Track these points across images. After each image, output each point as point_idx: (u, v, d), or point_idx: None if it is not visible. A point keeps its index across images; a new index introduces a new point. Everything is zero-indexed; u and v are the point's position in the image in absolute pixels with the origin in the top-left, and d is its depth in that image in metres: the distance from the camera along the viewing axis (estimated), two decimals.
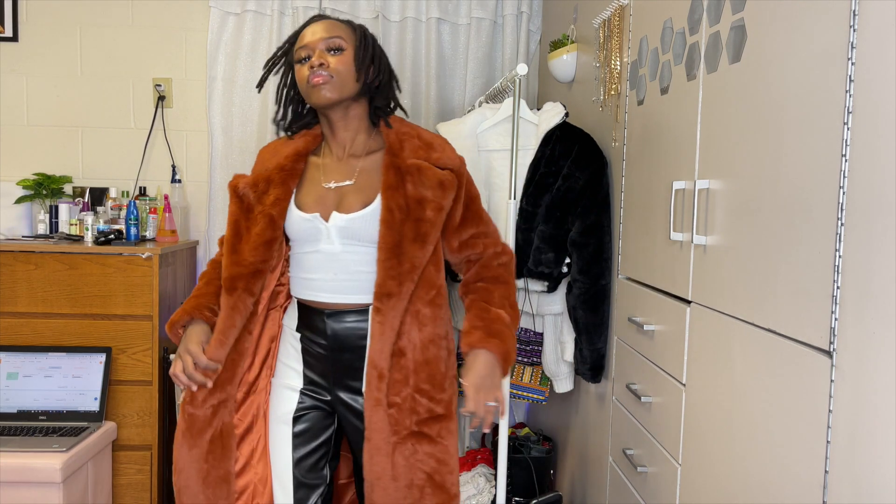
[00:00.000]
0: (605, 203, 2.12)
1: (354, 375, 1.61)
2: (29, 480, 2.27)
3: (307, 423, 1.64)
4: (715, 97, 1.41)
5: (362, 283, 1.58)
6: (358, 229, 1.57)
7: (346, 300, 1.59)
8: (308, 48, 1.59)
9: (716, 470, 1.37)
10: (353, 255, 1.58)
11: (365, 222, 1.56)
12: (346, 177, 1.62)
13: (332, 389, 1.64)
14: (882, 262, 0.91)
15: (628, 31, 1.96)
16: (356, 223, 1.56)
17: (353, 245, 1.58)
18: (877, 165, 0.93)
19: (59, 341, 2.61)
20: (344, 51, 1.59)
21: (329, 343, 1.61)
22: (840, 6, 1.00)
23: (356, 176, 1.62)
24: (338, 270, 1.59)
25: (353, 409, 1.62)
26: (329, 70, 1.56)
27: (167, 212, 2.93)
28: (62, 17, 3.08)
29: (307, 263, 1.62)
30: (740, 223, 1.28)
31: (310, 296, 1.62)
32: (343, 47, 1.59)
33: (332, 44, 1.58)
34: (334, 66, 1.56)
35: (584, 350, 2.14)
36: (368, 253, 1.58)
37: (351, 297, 1.59)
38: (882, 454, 0.91)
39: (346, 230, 1.57)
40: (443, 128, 2.38)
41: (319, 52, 1.57)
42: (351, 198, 1.59)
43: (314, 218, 1.58)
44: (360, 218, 1.57)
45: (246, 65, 3.06)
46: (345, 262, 1.58)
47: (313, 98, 1.58)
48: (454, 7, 3.13)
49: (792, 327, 1.11)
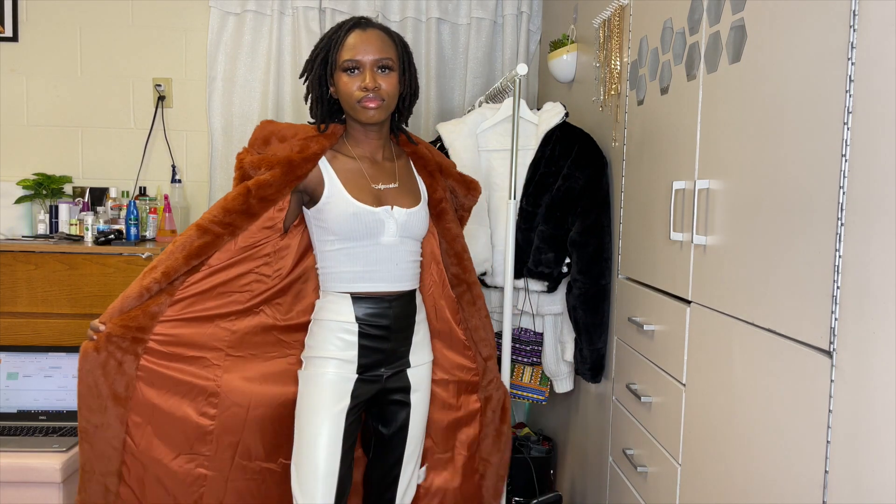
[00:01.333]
0: (605, 203, 2.12)
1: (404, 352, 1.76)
2: (29, 480, 2.27)
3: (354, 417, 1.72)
4: (715, 97, 1.40)
5: (411, 271, 1.76)
6: (413, 224, 1.72)
7: (402, 287, 1.73)
8: (358, 63, 1.63)
9: (716, 470, 1.37)
10: (407, 247, 1.73)
11: (419, 218, 1.74)
12: (391, 179, 1.74)
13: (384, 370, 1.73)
14: (882, 261, 0.91)
15: (628, 31, 1.96)
16: (413, 218, 1.72)
17: (406, 239, 1.72)
18: (877, 165, 0.93)
19: (59, 341, 2.61)
20: (393, 71, 1.66)
21: (392, 325, 1.72)
22: (840, 6, 1.00)
23: (398, 179, 1.75)
24: (398, 261, 1.72)
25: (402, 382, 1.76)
26: (381, 93, 1.63)
27: (167, 212, 2.93)
28: (62, 17, 3.08)
29: (366, 257, 1.70)
30: (740, 223, 1.28)
31: (369, 287, 1.70)
32: (393, 68, 1.66)
33: (384, 64, 1.64)
34: (385, 88, 1.64)
35: (584, 350, 2.14)
36: (416, 245, 1.76)
37: (406, 284, 1.74)
38: (882, 454, 0.91)
39: (405, 225, 1.70)
40: (443, 128, 2.38)
41: (372, 73, 1.63)
42: (402, 198, 1.73)
43: (383, 211, 1.68)
44: (415, 213, 1.72)
45: (246, 65, 3.06)
46: (402, 253, 1.72)
47: (362, 117, 1.66)
48: (454, 7, 3.13)
49: (792, 327, 1.11)
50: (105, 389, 1.64)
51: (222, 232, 1.65)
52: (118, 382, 1.65)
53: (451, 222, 1.83)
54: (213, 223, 1.65)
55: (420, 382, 1.78)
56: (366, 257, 1.68)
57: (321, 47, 1.69)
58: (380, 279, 1.70)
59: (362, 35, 1.65)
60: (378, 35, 1.66)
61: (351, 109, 1.66)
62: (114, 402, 1.65)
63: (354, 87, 1.63)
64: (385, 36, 1.68)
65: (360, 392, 1.69)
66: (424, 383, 1.79)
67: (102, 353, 1.63)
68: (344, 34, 1.65)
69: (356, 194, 1.67)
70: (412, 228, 1.72)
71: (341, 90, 1.65)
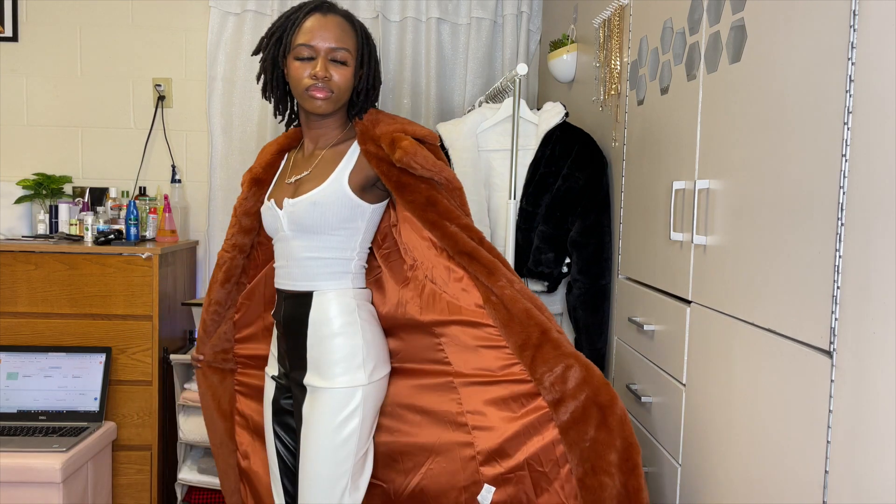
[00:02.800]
0: (605, 203, 2.12)
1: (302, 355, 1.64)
2: (29, 480, 2.27)
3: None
4: (715, 97, 1.40)
5: (306, 269, 1.62)
6: (299, 215, 1.58)
7: (294, 287, 1.64)
8: (312, 50, 1.55)
9: (716, 470, 1.37)
10: (302, 242, 1.62)
11: (303, 208, 1.58)
12: (306, 169, 1.64)
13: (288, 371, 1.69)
14: (882, 261, 0.91)
15: (628, 31, 1.96)
16: (297, 208, 1.58)
17: (300, 233, 1.60)
18: (877, 165, 0.93)
19: (59, 341, 2.61)
20: (347, 65, 1.57)
21: (281, 324, 1.68)
22: (840, 6, 1.00)
23: (313, 167, 1.62)
24: (288, 257, 1.64)
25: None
26: (331, 84, 1.55)
27: (167, 212, 2.93)
28: (62, 17, 3.08)
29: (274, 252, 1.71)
30: (740, 223, 1.28)
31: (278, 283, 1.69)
32: (347, 62, 1.57)
33: (338, 56, 1.56)
34: (336, 80, 1.55)
35: (585, 350, 2.14)
36: (317, 240, 1.62)
37: (299, 284, 1.63)
38: (882, 454, 0.91)
39: (291, 217, 1.59)
40: (443, 128, 2.38)
41: (324, 62, 1.54)
42: (301, 187, 1.61)
43: (271, 205, 1.65)
44: (298, 203, 1.58)
45: (246, 65, 3.06)
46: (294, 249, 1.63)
47: (308, 106, 1.58)
48: (454, 7, 3.13)
49: (792, 327, 1.11)
50: (213, 407, 1.85)
51: (234, 254, 1.78)
52: (223, 399, 1.85)
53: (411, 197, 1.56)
54: (223, 252, 1.80)
55: (307, 416, 1.55)
56: (275, 254, 1.69)
57: (277, 26, 1.60)
58: (279, 276, 1.67)
59: (321, 20, 1.55)
60: (338, 22, 1.57)
61: (298, 96, 1.59)
62: (220, 417, 1.85)
63: (304, 74, 1.54)
64: (346, 24, 1.58)
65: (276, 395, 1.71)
66: (312, 419, 1.54)
67: (209, 377, 1.85)
68: (303, 16, 1.57)
69: (273, 190, 1.71)
70: (298, 220, 1.57)
71: (291, 75, 1.57)
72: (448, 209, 1.55)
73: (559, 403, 1.45)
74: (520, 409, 1.48)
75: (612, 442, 1.43)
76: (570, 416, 1.44)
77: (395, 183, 1.55)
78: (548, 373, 1.46)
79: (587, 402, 1.44)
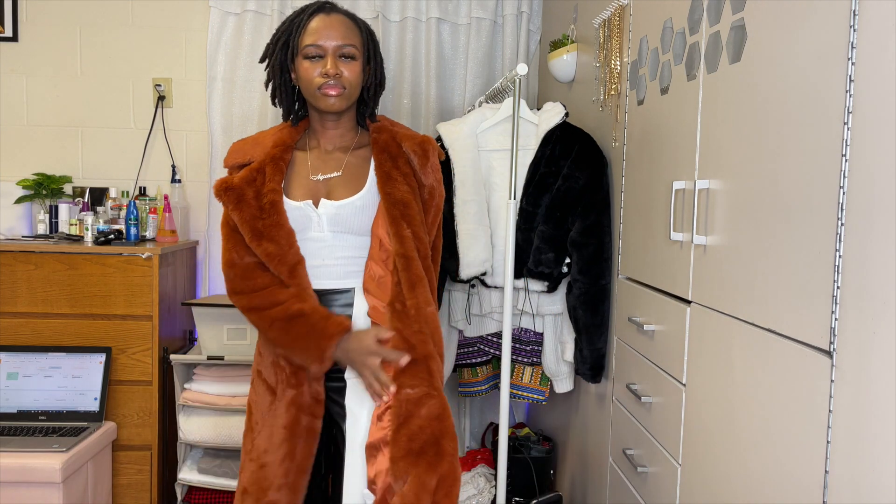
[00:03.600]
0: (605, 203, 2.12)
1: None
2: (29, 480, 2.27)
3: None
4: (715, 97, 1.40)
5: (347, 267, 1.63)
6: (345, 218, 1.60)
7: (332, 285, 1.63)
8: (320, 49, 1.57)
9: (716, 470, 1.37)
10: (342, 242, 1.63)
11: (351, 211, 1.61)
12: (334, 169, 1.64)
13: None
14: (882, 262, 0.91)
15: (628, 31, 1.96)
16: (344, 211, 1.60)
17: (340, 234, 1.62)
18: (877, 165, 0.93)
19: (59, 341, 2.61)
20: (356, 59, 1.60)
21: None
22: (840, 6, 1.00)
23: (343, 168, 1.65)
24: (326, 256, 1.62)
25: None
26: (342, 81, 1.57)
27: (167, 212, 2.92)
28: (62, 17, 3.08)
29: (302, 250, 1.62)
30: (740, 223, 1.28)
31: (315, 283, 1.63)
32: (356, 56, 1.60)
33: (346, 52, 1.58)
34: (347, 76, 1.58)
35: (585, 350, 2.14)
36: (355, 239, 1.63)
37: (338, 281, 1.63)
38: (882, 454, 0.91)
39: (335, 218, 1.60)
40: (443, 128, 2.38)
41: (333, 59, 1.57)
42: (339, 189, 1.62)
43: (305, 206, 1.60)
44: (347, 206, 1.60)
45: (246, 65, 3.06)
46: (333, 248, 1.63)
47: (322, 105, 1.60)
48: (454, 7, 3.13)
49: (792, 327, 1.11)
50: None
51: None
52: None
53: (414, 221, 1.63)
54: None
55: (352, 409, 1.61)
56: (305, 252, 1.62)
57: (282, 31, 1.62)
58: (312, 275, 1.61)
59: (326, 20, 1.58)
60: (342, 20, 1.60)
61: (311, 97, 1.60)
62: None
63: (315, 74, 1.57)
64: (350, 22, 1.61)
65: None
66: (359, 409, 1.60)
67: None
68: (307, 18, 1.59)
69: (289, 188, 1.63)
70: (344, 222, 1.61)
71: (302, 76, 1.59)
72: (413, 216, 1.60)
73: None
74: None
75: (429, 484, 1.49)
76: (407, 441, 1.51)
77: (385, 173, 1.61)
78: (409, 389, 1.53)
79: (430, 438, 1.51)
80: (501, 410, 2.19)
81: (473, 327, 2.50)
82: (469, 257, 2.24)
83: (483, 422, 3.21)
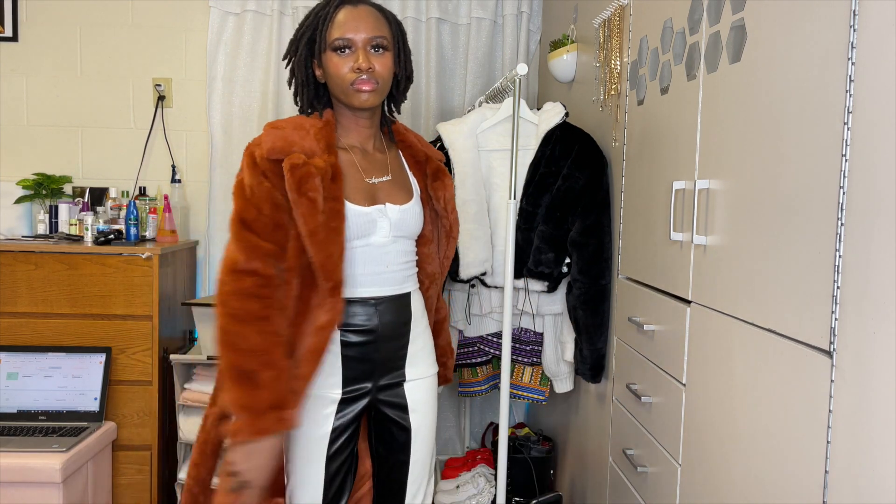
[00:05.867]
0: (605, 203, 2.12)
1: (397, 363, 1.62)
2: (29, 480, 2.27)
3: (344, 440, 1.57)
4: (715, 97, 1.40)
5: (405, 272, 1.62)
6: (407, 222, 1.59)
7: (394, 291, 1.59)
8: (350, 42, 1.48)
9: (716, 470, 1.37)
10: (400, 247, 1.60)
11: (413, 215, 1.60)
12: (382, 171, 1.60)
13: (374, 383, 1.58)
14: (881, 262, 0.91)
15: (628, 31, 1.96)
16: (407, 215, 1.59)
17: (399, 238, 1.59)
18: (877, 165, 0.93)
19: (59, 341, 2.61)
20: (388, 51, 1.52)
21: (379, 333, 1.56)
22: (840, 6, 1.00)
23: (390, 172, 1.62)
24: (389, 262, 1.57)
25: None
26: (375, 75, 1.49)
27: (167, 212, 2.93)
28: (62, 17, 3.08)
29: (356, 258, 1.53)
30: (740, 223, 1.28)
31: (357, 292, 1.53)
32: (388, 47, 1.52)
33: (378, 42, 1.50)
34: (380, 70, 1.50)
35: (584, 350, 2.14)
36: (409, 244, 1.63)
37: (398, 287, 1.60)
38: (882, 454, 0.91)
39: (399, 223, 1.57)
40: (443, 128, 2.38)
41: (365, 52, 1.48)
42: (395, 193, 1.59)
43: (375, 211, 1.53)
44: (409, 210, 1.59)
45: (246, 65, 3.06)
46: (394, 253, 1.58)
47: (355, 101, 1.51)
48: (454, 7, 3.13)
49: (792, 327, 1.11)
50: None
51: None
52: None
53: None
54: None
55: (419, 402, 1.63)
56: (364, 259, 1.54)
57: (307, 25, 1.52)
58: (369, 283, 1.54)
59: (353, 11, 1.50)
60: (370, 11, 1.51)
61: (342, 93, 1.50)
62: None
63: (346, 69, 1.48)
64: (377, 13, 1.53)
65: (346, 420, 1.54)
66: (423, 403, 1.64)
67: None
68: (333, 10, 1.50)
69: (349, 192, 1.51)
70: (406, 226, 1.58)
71: (331, 72, 1.50)
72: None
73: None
74: None
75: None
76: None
77: (421, 179, 1.68)
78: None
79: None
80: (501, 410, 2.19)
81: (473, 327, 2.50)
82: (469, 257, 2.24)
83: (483, 422, 3.21)
